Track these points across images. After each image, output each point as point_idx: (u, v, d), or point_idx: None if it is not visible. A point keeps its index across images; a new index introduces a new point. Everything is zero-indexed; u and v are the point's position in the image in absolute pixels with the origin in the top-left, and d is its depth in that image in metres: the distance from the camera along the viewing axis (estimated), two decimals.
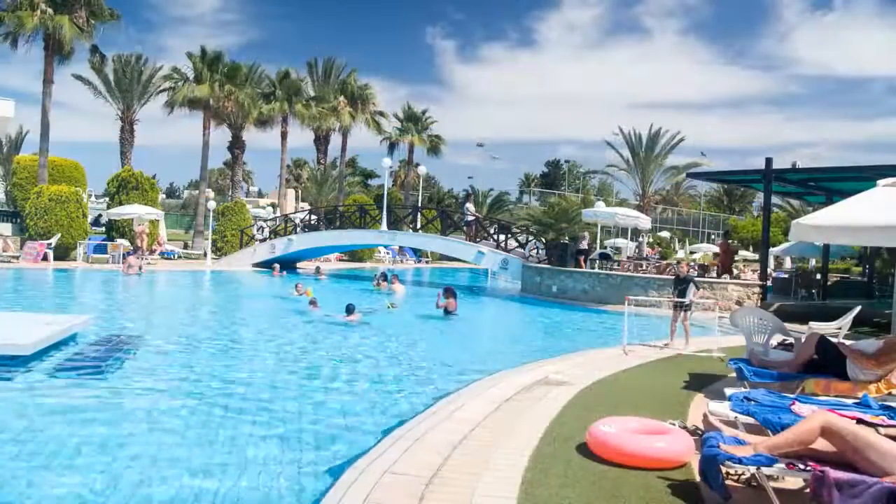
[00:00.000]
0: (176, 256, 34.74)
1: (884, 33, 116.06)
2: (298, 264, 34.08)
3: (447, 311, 16.73)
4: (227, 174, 66.18)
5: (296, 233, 33.86)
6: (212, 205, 35.19)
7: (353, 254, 40.10)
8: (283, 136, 46.45)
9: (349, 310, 14.84)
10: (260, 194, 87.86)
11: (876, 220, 7.43)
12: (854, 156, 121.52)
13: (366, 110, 49.42)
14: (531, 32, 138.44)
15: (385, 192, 33.53)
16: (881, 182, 8.22)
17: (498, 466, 5.18)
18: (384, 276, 23.85)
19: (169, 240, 38.31)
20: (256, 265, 32.24)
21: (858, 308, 11.65)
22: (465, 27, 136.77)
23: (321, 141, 50.88)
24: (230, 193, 48.39)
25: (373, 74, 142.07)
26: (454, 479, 4.90)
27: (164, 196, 71.17)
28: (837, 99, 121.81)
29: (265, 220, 40.34)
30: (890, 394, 6.95)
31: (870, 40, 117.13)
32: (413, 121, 53.72)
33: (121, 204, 32.16)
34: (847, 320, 11.38)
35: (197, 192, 44.60)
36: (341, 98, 47.98)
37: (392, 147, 54.14)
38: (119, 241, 30.25)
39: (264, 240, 34.98)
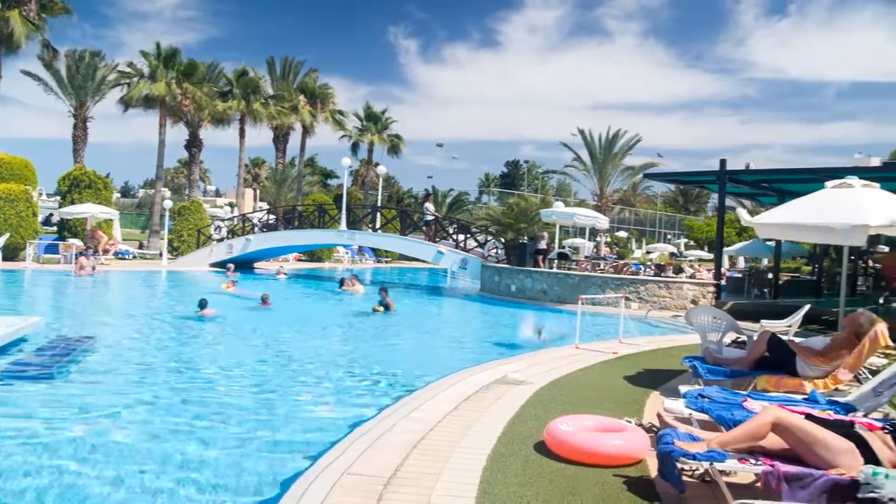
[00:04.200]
0: (131, 256, 34.10)
1: (834, 40, 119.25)
2: (256, 264, 33.74)
3: (387, 309, 17.10)
4: (183, 173, 65.20)
5: (254, 233, 33.50)
6: (168, 204, 34.64)
7: (312, 254, 39.83)
8: (242, 134, 45.92)
9: (202, 304, 15.17)
10: (217, 193, 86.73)
11: (822, 219, 7.63)
12: (806, 158, 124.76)
13: (325, 109, 49.15)
14: (494, 33, 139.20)
15: (344, 192, 33.34)
16: (829, 184, 8.44)
17: (456, 466, 5.19)
18: (356, 276, 23.91)
19: (124, 239, 37.61)
20: (214, 265, 31.82)
21: (808, 306, 11.94)
22: (428, 27, 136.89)
23: (280, 140, 50.43)
24: (187, 192, 47.67)
25: (334, 73, 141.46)
26: (413, 479, 4.90)
27: (118, 195, 69.89)
28: (791, 102, 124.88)
29: (223, 220, 39.88)
30: (836, 389, 7.15)
31: (821, 46, 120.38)
32: (373, 120, 53.53)
33: (73, 203, 31.46)
34: (797, 318, 11.66)
35: (153, 191, 43.86)
36: (301, 97, 47.63)
37: (354, 147, 53.96)
38: (71, 240, 29.58)
39: (222, 240, 34.56)
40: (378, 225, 32.71)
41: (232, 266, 27.47)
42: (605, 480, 4.97)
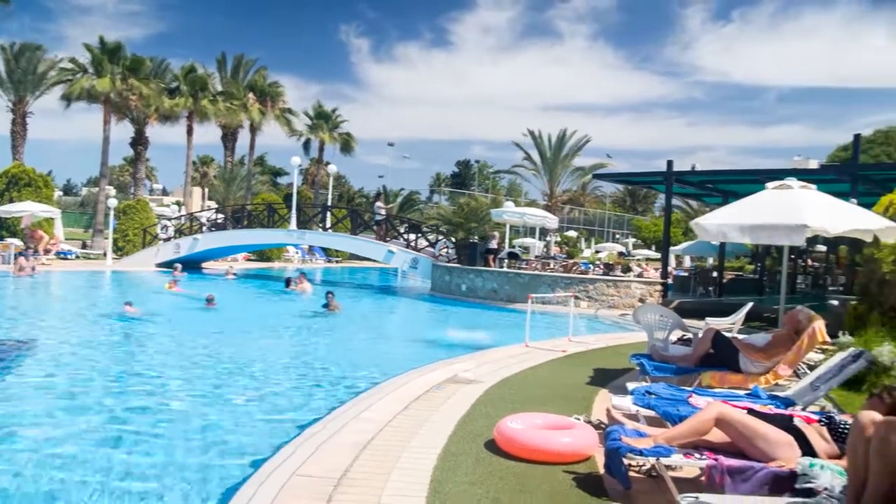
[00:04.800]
0: (73, 256, 33.21)
1: (775, 46, 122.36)
2: (204, 264, 33.21)
3: (330, 309, 17.13)
4: (129, 171, 63.71)
5: (202, 232, 32.96)
6: (112, 203, 33.84)
7: (262, 253, 39.35)
8: (189, 132, 45.14)
9: (129, 304, 15.31)
10: (164, 192, 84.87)
11: (762, 219, 7.83)
12: (749, 160, 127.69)
13: (275, 107, 48.59)
14: (446, 33, 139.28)
15: (294, 191, 33.04)
16: (769, 185, 8.66)
17: (407, 465, 5.19)
18: (304, 275, 23.70)
19: (66, 239, 36.60)
20: (160, 265, 31.19)
21: (750, 304, 12.25)
22: (380, 26, 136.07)
23: (229, 138, 49.69)
24: (132, 191, 46.67)
25: (284, 71, 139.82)
26: (363, 479, 4.88)
27: (60, 193, 67.88)
28: (735, 106, 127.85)
29: (170, 219, 39.12)
30: (777, 384, 7.34)
31: (763, 52, 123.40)
32: (324, 119, 53.12)
33: (11, 201, 30.53)
34: (740, 316, 11.95)
35: (97, 189, 42.80)
36: (250, 95, 47.00)
37: (306, 145, 53.49)
38: (9, 240, 28.68)
39: (169, 239, 33.90)
40: (328, 224, 32.47)
41: (179, 266, 26.95)
42: (555, 477, 5.02)
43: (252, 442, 6.38)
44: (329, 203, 40.55)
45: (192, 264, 30.59)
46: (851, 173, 18.38)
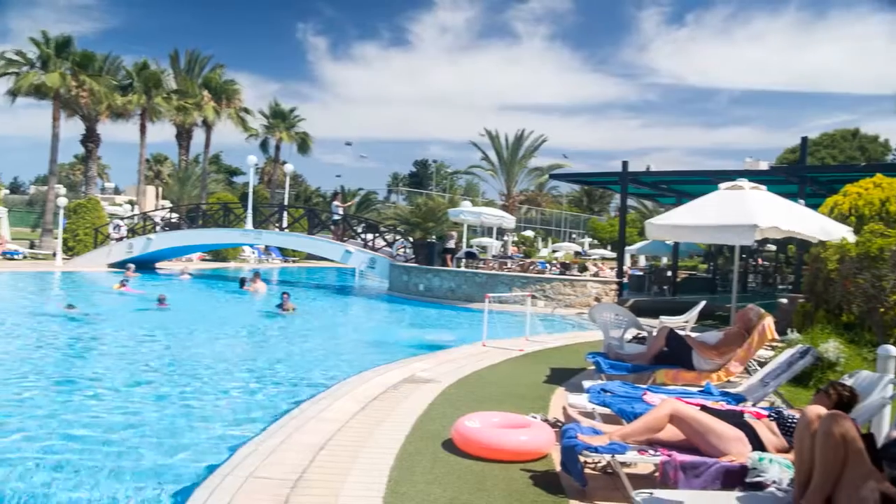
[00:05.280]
0: (21, 257, 32.35)
1: (727, 50, 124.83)
2: (158, 264, 32.65)
3: (285, 310, 17.06)
4: (80, 169, 62.27)
5: (156, 231, 32.37)
6: (62, 201, 33.01)
7: (217, 253, 38.82)
8: (143, 130, 44.22)
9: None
10: (117, 191, 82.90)
11: (715, 219, 7.99)
12: (702, 161, 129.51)
13: (231, 106, 47.90)
14: (404, 33, 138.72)
15: (250, 190, 32.65)
16: (722, 185, 8.83)
17: (364, 466, 5.18)
18: (258, 275, 23.46)
19: (12, 238, 35.64)
20: (113, 265, 30.55)
21: (703, 303, 12.48)
22: (338, 25, 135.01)
23: (183, 136, 48.82)
24: (83, 190, 45.58)
25: (240, 69, 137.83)
26: (320, 480, 4.85)
27: (6, 191, 66.09)
28: (689, 107, 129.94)
29: (122, 219, 38.35)
30: (729, 381, 7.51)
31: (716, 55, 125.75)
32: (280, 118, 52.59)
33: None
34: (693, 314, 12.17)
35: (45, 187, 41.74)
36: (205, 93, 46.28)
37: (262, 144, 52.89)
38: None
39: (121, 239, 33.22)
40: (285, 224, 32.18)
41: (132, 266, 26.44)
42: (512, 476, 5.06)
43: (205, 445, 6.26)
44: (286, 202, 40.14)
45: (145, 264, 30.03)
46: (799, 175, 18.84)
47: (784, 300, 13.88)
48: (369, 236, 29.56)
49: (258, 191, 45.91)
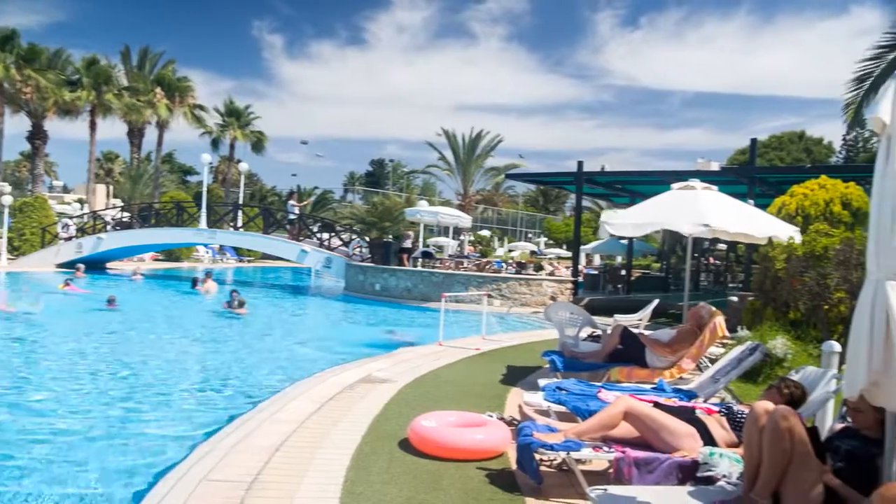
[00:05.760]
0: None
1: (680, 53, 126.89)
2: (109, 264, 31.96)
3: (233, 308, 16.94)
4: (26, 166, 60.62)
5: (106, 231, 31.71)
6: (7, 200, 32.04)
7: (171, 253, 38.15)
8: (92, 127, 43.26)
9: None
10: (65, 189, 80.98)
11: (667, 218, 8.12)
12: (656, 161, 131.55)
13: (184, 103, 47.11)
14: (361, 31, 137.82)
15: (204, 189, 32.21)
16: (675, 185, 8.98)
17: (320, 467, 5.14)
18: (209, 275, 23.12)
19: None
20: (61, 266, 29.79)
21: (656, 301, 12.68)
22: (294, 22, 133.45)
23: (135, 134, 47.87)
24: (30, 188, 44.42)
25: (194, 66, 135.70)
26: (275, 482, 4.80)
27: None
28: (643, 109, 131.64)
29: (71, 217, 37.42)
30: (681, 378, 7.64)
31: (669, 57, 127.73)
32: (235, 116, 51.90)
33: None
34: (646, 312, 12.36)
35: None
36: (158, 90, 45.43)
37: (215, 142, 52.09)
38: None
39: (70, 238, 32.43)
40: (240, 223, 31.81)
41: (82, 266, 25.85)
42: (468, 474, 5.07)
43: (155, 450, 6.15)
44: (240, 202, 39.65)
45: (96, 265, 29.36)
46: (749, 176, 19.26)
47: (734, 298, 14.18)
48: (325, 236, 29.40)
49: (212, 190, 45.32)
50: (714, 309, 8.11)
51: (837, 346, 5.29)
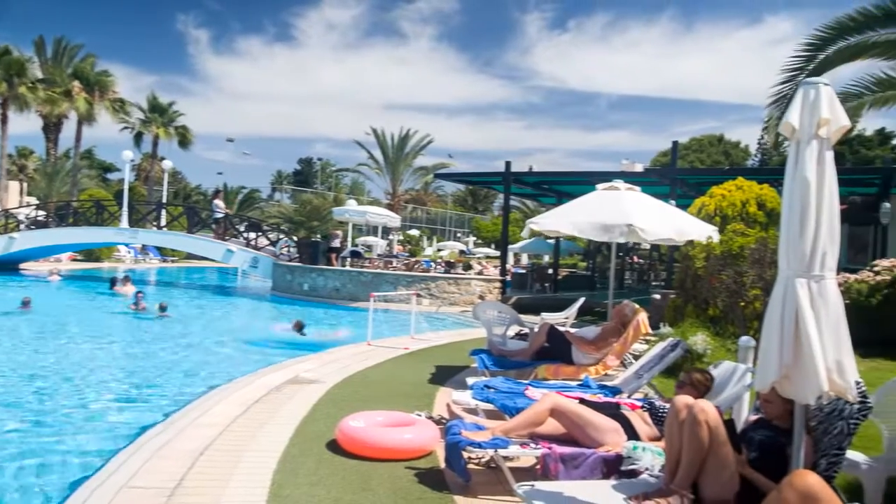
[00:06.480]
0: None
1: (606, 56, 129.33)
2: (23, 265, 30.66)
3: (139, 308, 16.63)
4: None
5: (20, 230, 30.41)
6: None
7: (90, 253, 36.84)
8: (4, 120, 41.39)
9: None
10: None
11: (592, 218, 8.28)
12: (582, 162, 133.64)
13: (105, 98, 45.52)
14: (290, 28, 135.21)
15: (126, 187, 31.29)
16: (599, 186, 9.17)
17: (246, 470, 5.06)
18: (128, 277, 22.42)
19: None
20: None
21: (582, 299, 12.93)
22: (221, 17, 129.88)
23: (52, 129, 45.99)
24: None
25: (115, 60, 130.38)
26: (199, 487, 4.70)
27: None
28: (570, 111, 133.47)
29: None
30: (606, 374, 7.81)
31: (595, 60, 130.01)
32: (159, 112, 50.38)
33: None
34: (573, 310, 12.59)
35: None
36: (76, 83, 43.77)
37: (137, 139, 50.48)
38: None
39: None
40: (163, 222, 31.00)
41: None
42: (397, 474, 5.07)
43: (73, 457, 5.94)
44: (164, 200, 38.63)
45: (8, 265, 28.16)
46: (670, 177, 19.81)
47: (657, 296, 14.57)
48: (252, 235, 28.92)
49: (135, 188, 44.06)
50: (637, 306, 8.32)
51: (752, 342, 5.49)
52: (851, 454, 4.28)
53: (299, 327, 13.92)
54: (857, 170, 28.31)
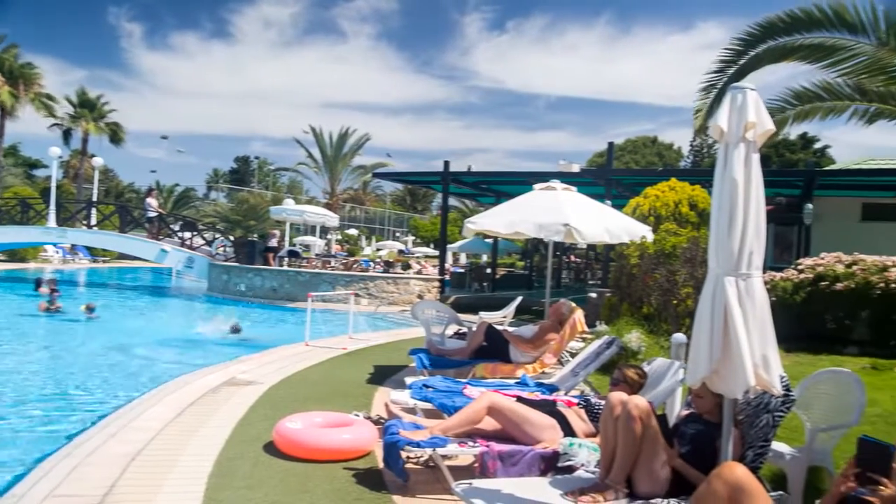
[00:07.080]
0: None
1: (544, 58, 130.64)
2: None
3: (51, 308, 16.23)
4: None
5: None
6: None
7: (14, 253, 35.50)
8: None
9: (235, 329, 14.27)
10: None
11: (529, 218, 8.38)
12: (521, 162, 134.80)
13: (30, 91, 43.90)
14: (226, 24, 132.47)
15: (53, 185, 30.24)
16: (537, 186, 9.28)
17: (180, 474, 4.96)
18: (54, 280, 21.65)
19: None
20: None
21: (520, 298, 13.06)
22: (155, 12, 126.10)
23: None
24: None
25: (41, 52, 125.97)
26: (131, 494, 4.58)
27: None
28: (509, 111, 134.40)
29: None
30: (543, 372, 7.91)
31: (533, 62, 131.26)
32: (88, 107, 48.85)
33: None
34: (510, 309, 12.70)
35: None
36: None
37: (66, 135, 48.80)
38: None
39: None
40: (94, 222, 30.10)
41: None
42: (335, 475, 5.04)
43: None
44: (95, 198, 37.49)
45: None
46: (606, 178, 20.18)
47: (593, 294, 14.84)
48: (187, 234, 28.34)
49: (63, 186, 42.63)
50: (574, 305, 8.45)
51: (684, 338, 5.62)
52: (776, 445, 4.44)
53: (235, 329, 13.71)
54: (782, 172, 29.32)
